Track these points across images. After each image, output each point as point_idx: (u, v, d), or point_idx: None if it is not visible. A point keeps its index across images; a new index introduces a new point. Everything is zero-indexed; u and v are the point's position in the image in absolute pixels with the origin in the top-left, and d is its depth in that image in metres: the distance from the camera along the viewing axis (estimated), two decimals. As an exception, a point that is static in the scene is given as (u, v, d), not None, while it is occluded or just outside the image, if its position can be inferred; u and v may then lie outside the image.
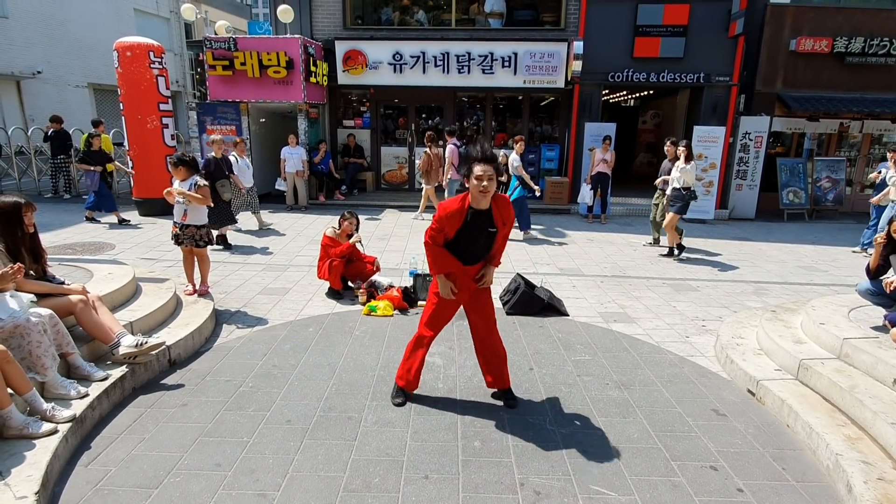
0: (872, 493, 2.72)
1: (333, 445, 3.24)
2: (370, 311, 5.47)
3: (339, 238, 6.03)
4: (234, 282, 6.44)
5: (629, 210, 12.17)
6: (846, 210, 12.66)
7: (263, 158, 12.72)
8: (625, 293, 6.43)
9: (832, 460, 3.06)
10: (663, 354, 4.71)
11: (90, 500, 2.75)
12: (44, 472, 2.71)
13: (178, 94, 20.91)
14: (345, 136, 13.28)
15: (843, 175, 12.05)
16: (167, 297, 4.85)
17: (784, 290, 6.73)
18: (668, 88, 13.63)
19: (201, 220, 5.44)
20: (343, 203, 12.06)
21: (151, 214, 10.13)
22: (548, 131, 13.56)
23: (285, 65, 10.94)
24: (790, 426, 3.57)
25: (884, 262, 4.26)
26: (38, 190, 12.49)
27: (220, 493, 2.81)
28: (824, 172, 12.03)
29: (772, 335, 4.45)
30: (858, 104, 11.49)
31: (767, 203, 12.20)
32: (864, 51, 11.43)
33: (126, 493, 2.80)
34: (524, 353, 4.63)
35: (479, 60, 11.80)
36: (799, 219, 11.99)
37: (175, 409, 3.62)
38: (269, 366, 4.28)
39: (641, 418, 3.63)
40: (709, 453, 3.26)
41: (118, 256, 7.22)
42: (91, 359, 3.83)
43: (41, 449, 2.88)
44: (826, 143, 12.91)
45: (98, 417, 3.45)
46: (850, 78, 11.71)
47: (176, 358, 4.29)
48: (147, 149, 10.11)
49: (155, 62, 9.93)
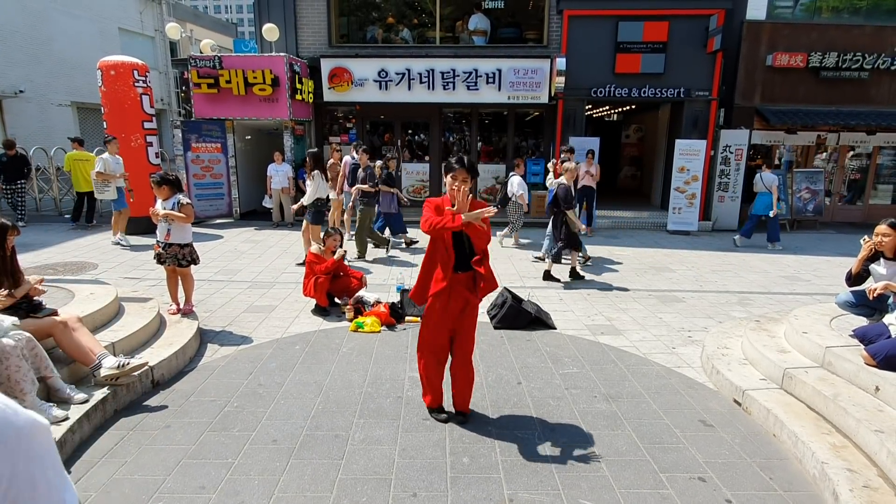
0: (858, 500, 2.74)
1: (320, 465, 3.19)
2: (357, 328, 5.44)
3: (323, 254, 6.01)
4: (218, 300, 6.38)
5: (615, 223, 12.29)
6: (826, 220, 12.89)
7: (249, 176, 12.69)
8: (611, 305, 6.46)
9: (818, 469, 3.08)
10: (650, 366, 4.73)
11: (69, 527, 2.67)
12: (21, 499, 2.64)
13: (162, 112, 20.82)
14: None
15: (822, 186, 12.29)
16: (150, 317, 4.78)
17: (767, 300, 6.80)
18: (649, 103, 13.86)
19: (185, 239, 5.39)
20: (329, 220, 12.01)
21: (135, 233, 10.01)
22: (533, 146, 13.69)
23: (271, 82, 10.96)
24: (776, 435, 3.59)
25: (864, 271, 4.33)
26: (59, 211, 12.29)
27: (203, 516, 2.75)
28: (804, 183, 12.25)
29: (756, 345, 4.49)
30: (834, 117, 11.77)
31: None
32: (839, 65, 11.73)
33: (106, 518, 2.73)
34: (512, 368, 4.62)
35: (464, 77, 11.92)
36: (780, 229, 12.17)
37: (158, 430, 3.55)
38: (254, 385, 4.23)
39: (629, 430, 3.63)
40: (697, 464, 3.26)
41: (100, 276, 7.12)
42: (72, 381, 3.76)
43: (18, 475, 2.81)
44: (804, 155, 13.18)
45: (78, 441, 3.37)
46: (826, 92, 12.01)
47: (159, 378, 4.22)
48: (131, 167, 10.02)
49: (139, 80, 9.90)
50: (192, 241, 5.48)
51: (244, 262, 8.31)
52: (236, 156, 12.02)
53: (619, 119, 18.45)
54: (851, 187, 13.34)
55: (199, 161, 11.72)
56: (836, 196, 13.26)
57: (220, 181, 12.06)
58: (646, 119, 16.24)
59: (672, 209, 11.81)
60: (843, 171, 13.19)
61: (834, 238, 11.20)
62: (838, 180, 13.20)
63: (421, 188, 13.60)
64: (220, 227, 11.29)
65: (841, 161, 13.12)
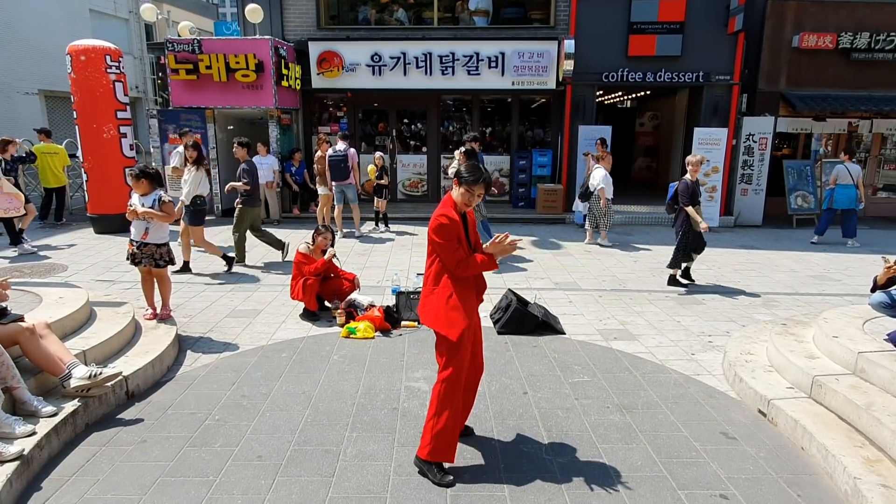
0: (894, 519, 2.73)
1: (309, 483, 3.19)
2: (349, 334, 5.43)
3: (313, 254, 6.00)
4: (199, 304, 6.37)
5: (628, 219, 12.28)
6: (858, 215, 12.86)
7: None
8: (625, 308, 6.46)
9: (850, 485, 3.08)
10: (667, 374, 4.72)
11: (36, 552, 2.67)
12: (-16, 521, 2.64)
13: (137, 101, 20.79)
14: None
15: (854, 178, 12.25)
16: (124, 323, 4.78)
17: (795, 302, 6.80)
18: (665, 89, 13.86)
19: (163, 239, 5.39)
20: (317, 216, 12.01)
21: (108, 232, 10.01)
22: (539, 135, 13.69)
23: (255, 68, 10.96)
24: (805, 448, 3.58)
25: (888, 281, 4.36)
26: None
27: (182, 539, 2.75)
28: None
29: (782, 350, 4.49)
30: (866, 103, 11.75)
31: (775, 208, 12.39)
32: (871, 46, 11.72)
33: (77, 542, 2.73)
34: (517, 376, 4.61)
35: (464, 61, 11.91)
36: (809, 225, 12.15)
37: (133, 446, 3.55)
38: (237, 396, 4.22)
39: (645, 444, 3.63)
40: (718, 481, 3.26)
41: (70, 278, 7.11)
42: (39, 392, 3.75)
43: (-19, 495, 2.81)
44: (835, 144, 13.17)
45: (47, 457, 3.36)
46: (857, 75, 11.99)
47: (134, 389, 4.21)
48: (104, 160, 10.02)
49: (112, 66, 9.89)
50: (168, 241, 5.48)
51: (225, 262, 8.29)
52: (217, 148, 12.01)
53: (633, 106, 18.44)
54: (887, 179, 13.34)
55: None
56: (870, 188, 13.24)
57: (201, 175, 12.03)
58: (662, 106, 16.24)
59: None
60: (876, 162, 13.18)
61: (867, 234, 11.19)
62: (871, 171, 13.19)
63: (418, 182, 13.61)
64: (201, 225, 11.26)
65: (874, 150, 13.11)
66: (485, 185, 3.19)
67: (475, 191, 3.15)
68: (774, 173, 12.28)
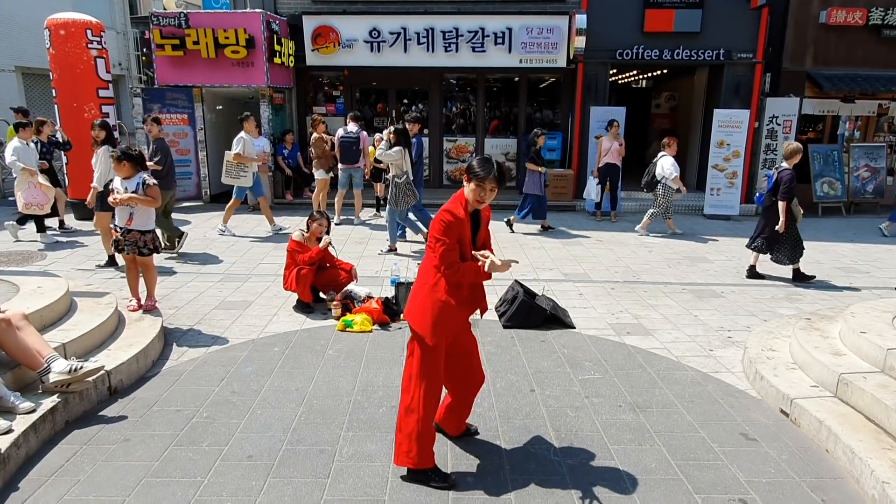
0: (925, 526, 2.72)
1: (303, 484, 3.19)
2: (345, 327, 5.43)
3: (307, 242, 5.99)
4: (186, 295, 6.37)
5: (642, 206, 12.21)
6: (888, 203, 12.80)
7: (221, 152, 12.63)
8: (639, 301, 6.44)
9: (878, 490, 3.06)
10: (684, 371, 4.71)
11: (13, 556, 2.67)
12: (-42, 524, 2.64)
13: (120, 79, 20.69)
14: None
15: (884, 163, 12.19)
16: (107, 315, 4.78)
17: (820, 295, 6.77)
18: (683, 67, 13.74)
19: (148, 225, 5.39)
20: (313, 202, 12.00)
21: (89, 217, 9.98)
22: (548, 117, 13.61)
23: (245, 43, 10.90)
24: (829, 451, 3.57)
25: None
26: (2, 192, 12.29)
27: (168, 543, 2.75)
28: (862, 160, 12.17)
29: (806, 347, 4.46)
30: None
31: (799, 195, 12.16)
32: (904, 23, 11.62)
33: (56, 545, 2.73)
34: (524, 373, 4.60)
35: (469, 37, 11.82)
36: (835, 213, 12.11)
37: (116, 445, 3.55)
38: (227, 392, 4.22)
39: (660, 445, 3.62)
40: (738, 484, 3.25)
41: (50, 267, 7.11)
42: (16, 388, 3.75)
43: (-45, 496, 2.81)
44: (864, 127, 13.08)
45: (24, 457, 3.36)
46: (889, 53, 11.89)
47: (117, 385, 4.21)
48: (84, 142, 9.97)
49: (93, 42, 9.83)
50: (154, 228, 5.47)
51: (215, 251, 8.31)
52: (205, 129, 11.97)
53: (649, 86, 18.34)
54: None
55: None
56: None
57: (188, 158, 12.04)
58: (679, 86, 16.12)
59: (709, 190, 11.75)
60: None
61: None
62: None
63: (419, 166, 13.53)
64: (188, 210, 11.29)
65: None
66: (496, 179, 3.09)
67: (486, 186, 3.07)
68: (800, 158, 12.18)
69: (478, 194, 3.09)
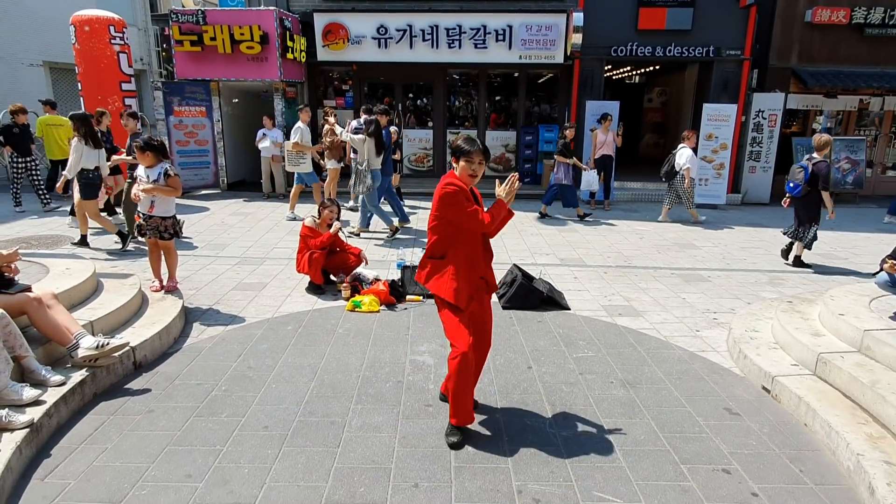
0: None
1: (314, 453, 3.21)
2: (354, 307, 5.43)
3: (319, 228, 5.98)
4: (205, 276, 6.38)
5: (634, 195, 12.18)
6: (867, 193, 12.74)
7: (237, 143, 12.60)
8: (630, 285, 6.43)
9: (853, 461, 3.07)
10: (672, 350, 4.71)
11: (47, 517, 2.70)
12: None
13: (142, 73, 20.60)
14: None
15: (864, 156, 12.10)
16: (131, 294, 4.79)
17: (801, 280, 6.75)
18: (675, 63, 13.60)
19: (169, 212, 5.38)
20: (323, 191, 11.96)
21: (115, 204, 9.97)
22: (546, 111, 13.51)
23: (259, 39, 10.81)
24: (808, 425, 3.58)
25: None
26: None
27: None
28: (843, 153, 12.06)
29: (788, 328, 4.46)
30: (879, 79, 11.53)
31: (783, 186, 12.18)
32: (885, 21, 11.45)
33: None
34: (522, 351, 4.61)
35: (471, 34, 11.71)
36: (816, 203, 12.03)
37: (140, 415, 3.57)
38: (243, 367, 4.24)
39: (648, 419, 3.63)
40: (721, 455, 3.26)
41: (77, 250, 7.12)
42: (47, 362, 3.77)
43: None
44: (845, 122, 12.96)
45: (55, 426, 3.39)
46: (870, 51, 11.74)
47: (141, 360, 4.23)
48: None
49: (116, 37, 9.78)
50: (175, 213, 5.46)
51: (232, 235, 8.30)
52: (222, 120, 11.92)
53: (642, 81, 18.16)
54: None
55: (182, 126, 11.63)
56: (880, 167, 13.07)
57: (206, 148, 12.00)
58: (671, 81, 15.98)
59: (698, 180, 11.64)
60: (887, 139, 12.98)
61: (874, 213, 11.07)
62: (881, 149, 12.99)
63: (423, 157, 13.50)
64: (206, 198, 11.27)
65: (885, 128, 12.91)
66: (482, 152, 3.11)
67: (475, 159, 3.08)
68: (783, 151, 12.11)
69: (469, 168, 3.10)
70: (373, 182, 7.91)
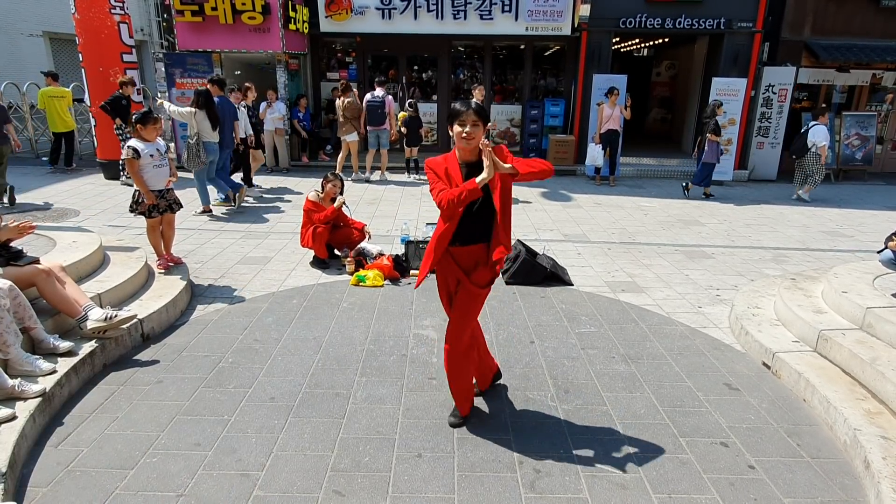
0: (891, 468, 2.79)
1: (320, 423, 3.29)
2: (358, 282, 5.49)
3: (322, 202, 6.00)
4: (210, 251, 6.43)
5: (640, 171, 12.12)
6: (875, 170, 12.64)
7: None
8: (634, 261, 6.46)
9: (850, 435, 3.13)
10: (674, 326, 4.76)
11: (62, 482, 2.79)
12: (10, 454, 2.75)
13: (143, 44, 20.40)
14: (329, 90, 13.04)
15: (874, 132, 11.97)
16: (137, 267, 4.84)
17: (805, 257, 6.77)
18: (684, 36, 13.40)
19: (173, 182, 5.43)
20: (328, 164, 11.94)
21: (118, 178, 10.02)
22: (552, 85, 13.38)
23: (261, 9, 10.68)
24: (807, 400, 3.64)
25: None
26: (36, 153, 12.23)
27: (200, 473, 2.86)
28: (854, 129, 11.94)
29: (790, 305, 4.50)
30: (893, 53, 11.34)
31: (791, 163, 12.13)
32: (903, -7, 11.23)
33: (99, 474, 2.85)
34: (525, 326, 4.67)
35: (477, 4, 11.53)
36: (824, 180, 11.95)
37: (150, 386, 3.66)
38: (250, 340, 4.31)
39: (649, 393, 3.70)
40: (719, 429, 3.33)
41: (83, 223, 7.17)
42: (56, 333, 3.84)
43: (7, 429, 2.92)
44: (857, 96, 12.80)
45: (67, 395, 3.48)
46: (886, 23, 11.53)
47: (149, 332, 4.31)
48: (110, 105, 9.91)
49: (116, 7, 9.67)
50: None
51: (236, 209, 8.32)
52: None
53: (650, 55, 17.89)
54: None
55: (184, 99, 11.52)
56: (890, 143, 12.94)
57: (209, 121, 11.92)
58: (680, 54, 15.75)
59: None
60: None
61: (883, 190, 11.02)
62: (892, 125, 12.85)
63: (428, 131, 13.40)
64: (210, 171, 11.24)
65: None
66: (475, 112, 2.90)
67: (467, 120, 2.90)
68: (792, 126, 11.99)
69: (462, 132, 2.92)
70: (207, 156, 7.60)
